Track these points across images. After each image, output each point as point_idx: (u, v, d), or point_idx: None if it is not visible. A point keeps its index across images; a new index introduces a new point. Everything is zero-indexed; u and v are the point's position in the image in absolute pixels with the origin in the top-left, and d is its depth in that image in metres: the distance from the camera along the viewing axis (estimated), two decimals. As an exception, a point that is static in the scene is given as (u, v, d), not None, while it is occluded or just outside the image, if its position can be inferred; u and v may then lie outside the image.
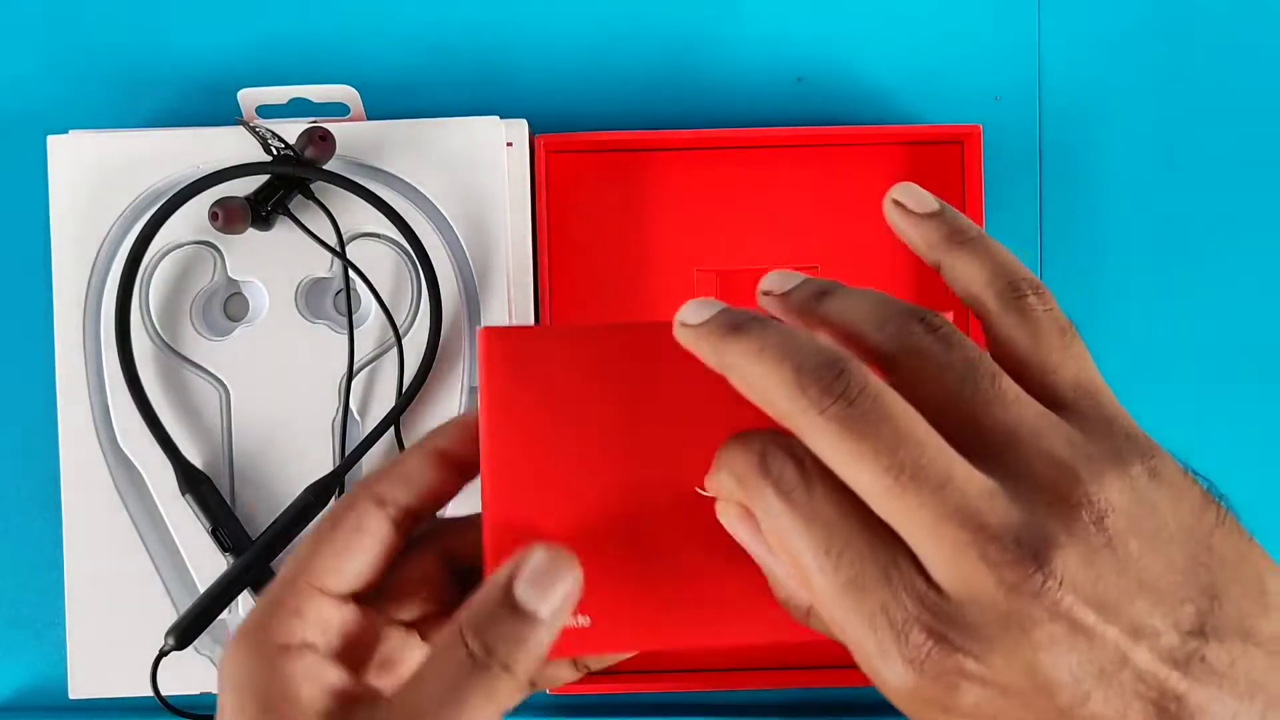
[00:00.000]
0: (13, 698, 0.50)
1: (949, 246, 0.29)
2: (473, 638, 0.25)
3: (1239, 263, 0.50)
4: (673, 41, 0.51)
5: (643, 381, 0.28)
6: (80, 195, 0.46)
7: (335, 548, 0.27)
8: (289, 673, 0.26)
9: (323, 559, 0.27)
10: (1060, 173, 0.51)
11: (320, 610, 0.27)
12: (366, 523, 0.28)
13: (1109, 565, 0.21)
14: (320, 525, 0.28)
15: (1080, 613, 0.21)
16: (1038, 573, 0.21)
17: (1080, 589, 0.21)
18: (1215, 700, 0.21)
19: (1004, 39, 0.51)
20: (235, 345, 0.47)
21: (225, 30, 0.51)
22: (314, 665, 0.26)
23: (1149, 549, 0.22)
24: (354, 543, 0.27)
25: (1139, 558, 0.22)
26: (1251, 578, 0.22)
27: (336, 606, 0.27)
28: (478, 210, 0.47)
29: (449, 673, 0.25)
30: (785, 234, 0.48)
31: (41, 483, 0.48)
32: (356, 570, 0.27)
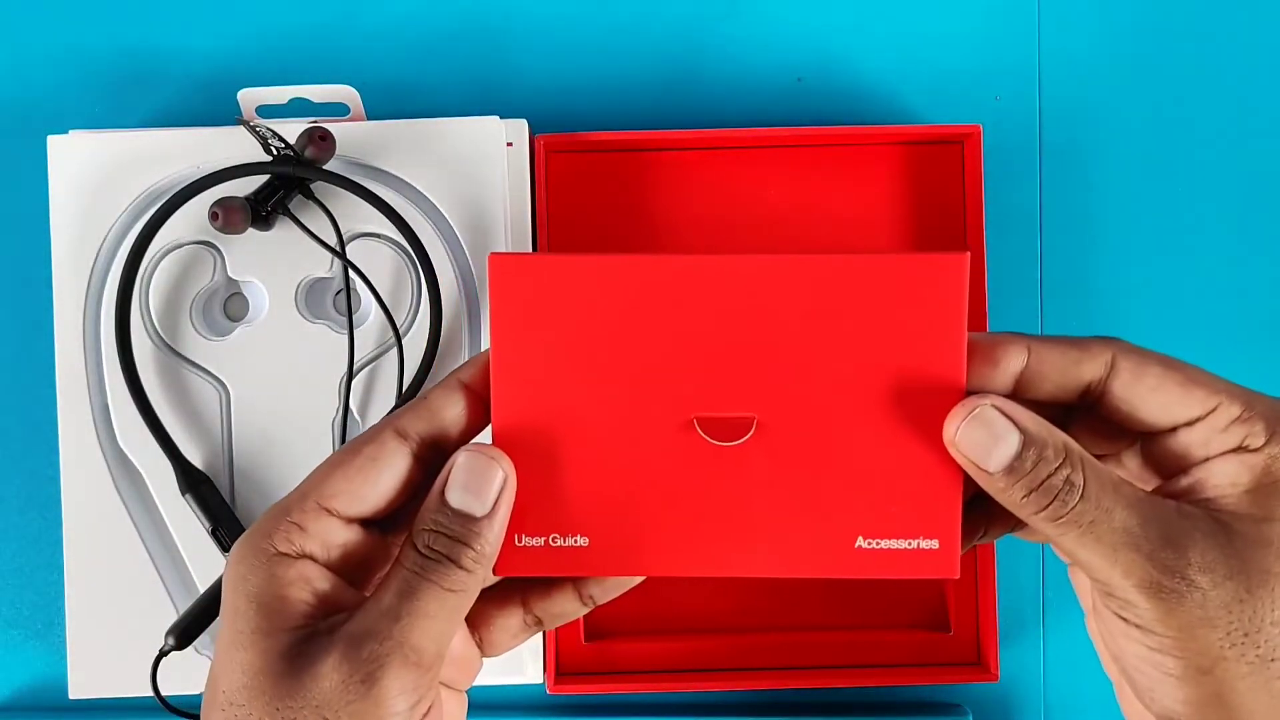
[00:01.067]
0: (13, 698, 0.50)
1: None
2: (420, 542, 0.29)
3: (1239, 262, 0.50)
4: (673, 42, 0.51)
5: (649, 311, 0.29)
6: (80, 195, 0.46)
7: (349, 473, 0.29)
8: (282, 576, 0.28)
9: (334, 482, 0.29)
10: (1060, 173, 0.51)
11: (325, 528, 0.29)
12: (384, 453, 0.29)
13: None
14: (341, 450, 0.30)
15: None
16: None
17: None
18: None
19: (1004, 39, 0.51)
20: (235, 345, 0.47)
21: (225, 30, 0.51)
22: (308, 572, 0.29)
23: None
24: (369, 471, 0.29)
25: None
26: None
27: (343, 527, 0.29)
28: (478, 210, 0.47)
29: (404, 575, 0.28)
30: (785, 234, 0.48)
31: (41, 483, 0.48)
32: (367, 497, 0.29)
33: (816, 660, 0.48)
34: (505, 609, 0.33)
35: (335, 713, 0.27)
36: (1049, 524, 0.28)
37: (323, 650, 0.27)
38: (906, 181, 0.48)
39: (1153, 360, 0.30)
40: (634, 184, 0.48)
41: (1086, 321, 0.50)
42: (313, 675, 0.27)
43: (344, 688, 0.27)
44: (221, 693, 0.28)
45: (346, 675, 0.27)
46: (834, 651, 0.48)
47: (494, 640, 0.33)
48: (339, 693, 0.27)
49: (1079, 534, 0.28)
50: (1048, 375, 0.30)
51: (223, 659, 0.28)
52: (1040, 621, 0.50)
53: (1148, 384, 0.29)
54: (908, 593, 0.48)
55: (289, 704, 0.27)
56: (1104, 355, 0.30)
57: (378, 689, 0.27)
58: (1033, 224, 0.51)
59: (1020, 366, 0.30)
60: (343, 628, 0.28)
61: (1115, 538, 0.28)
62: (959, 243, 0.48)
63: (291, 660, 0.27)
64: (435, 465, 0.30)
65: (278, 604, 0.28)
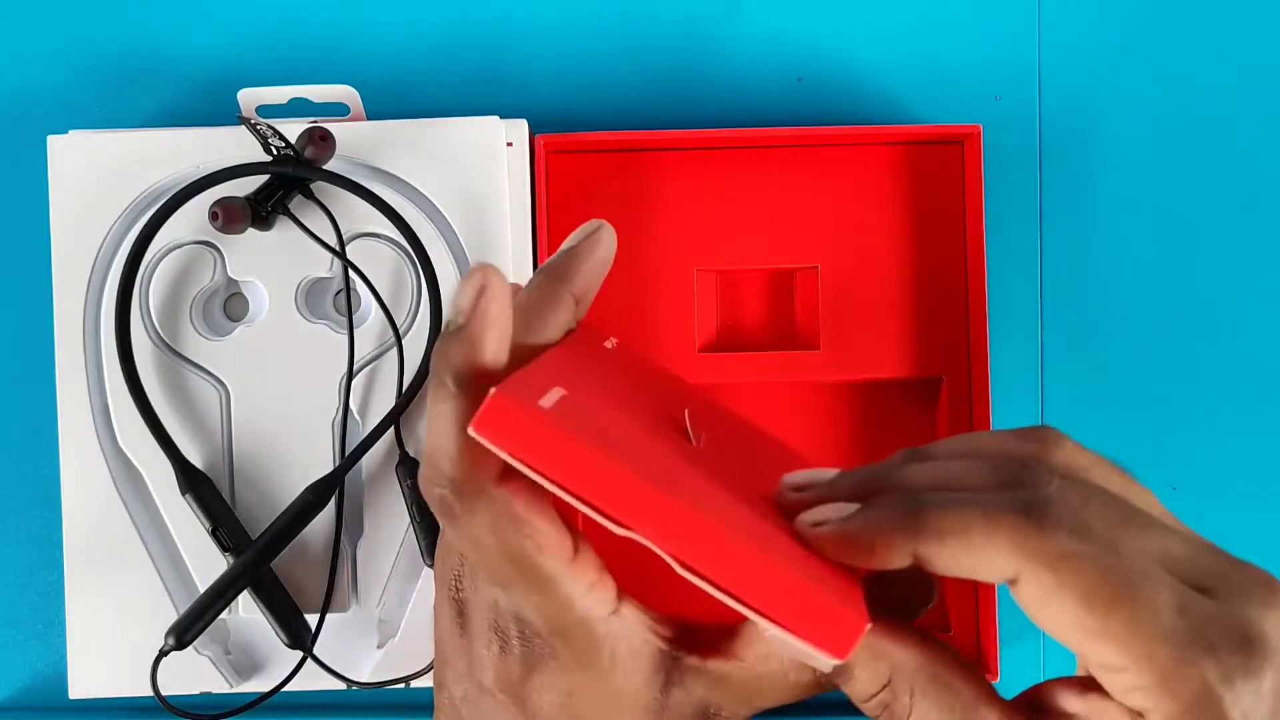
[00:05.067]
0: (13, 697, 0.50)
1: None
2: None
3: (1240, 262, 0.50)
4: (673, 42, 0.51)
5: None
6: (80, 195, 0.46)
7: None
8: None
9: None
10: (1060, 172, 0.51)
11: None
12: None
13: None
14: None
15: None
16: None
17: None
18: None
19: (1004, 39, 0.51)
20: (235, 345, 0.47)
21: (225, 30, 0.51)
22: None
23: None
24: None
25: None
26: None
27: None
28: (478, 210, 0.47)
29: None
30: (785, 234, 0.48)
31: (41, 482, 0.48)
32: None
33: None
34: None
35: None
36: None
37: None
38: (906, 181, 0.48)
39: (1068, 589, 0.23)
40: (634, 184, 0.48)
41: (1087, 321, 0.50)
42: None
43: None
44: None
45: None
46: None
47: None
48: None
49: None
50: (942, 573, 0.25)
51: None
52: (1040, 621, 0.50)
53: (1053, 615, 0.24)
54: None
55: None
56: (1005, 570, 0.24)
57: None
58: (1033, 224, 0.51)
59: (905, 565, 0.25)
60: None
61: None
62: (959, 242, 0.48)
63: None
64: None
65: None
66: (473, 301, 0.26)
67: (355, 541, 0.47)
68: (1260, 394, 0.50)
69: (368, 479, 0.47)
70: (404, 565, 0.46)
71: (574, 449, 0.24)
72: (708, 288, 0.49)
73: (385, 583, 0.46)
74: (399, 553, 0.46)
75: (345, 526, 0.46)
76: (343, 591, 0.46)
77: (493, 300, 0.26)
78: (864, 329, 0.48)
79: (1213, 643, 0.23)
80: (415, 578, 0.46)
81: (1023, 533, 0.24)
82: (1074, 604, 0.23)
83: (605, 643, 0.27)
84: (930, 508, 0.25)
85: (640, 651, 0.27)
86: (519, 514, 0.26)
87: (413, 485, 0.45)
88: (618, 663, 0.27)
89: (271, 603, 0.45)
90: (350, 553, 0.47)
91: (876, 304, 0.48)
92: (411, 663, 0.45)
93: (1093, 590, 0.23)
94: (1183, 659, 0.23)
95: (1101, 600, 0.23)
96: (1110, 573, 0.23)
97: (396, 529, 0.46)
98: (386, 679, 0.45)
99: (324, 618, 0.45)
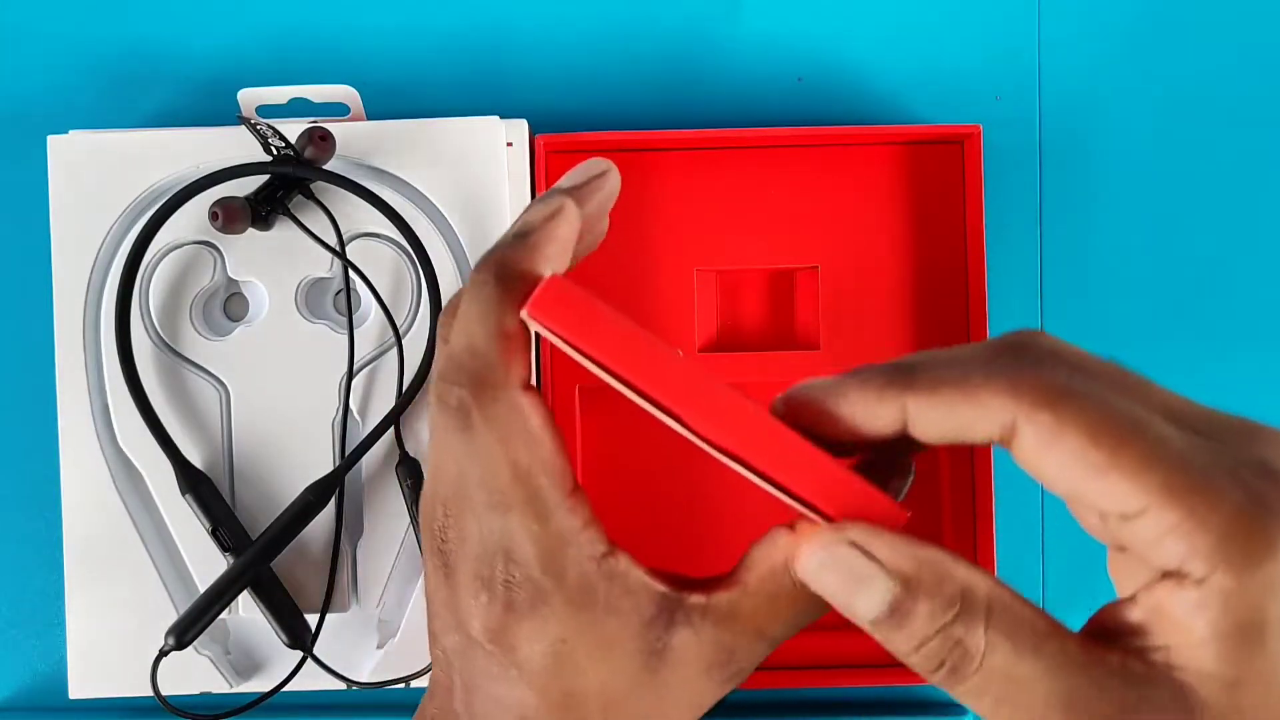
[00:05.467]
0: (12, 697, 0.50)
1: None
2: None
3: (1240, 262, 0.50)
4: (673, 41, 0.51)
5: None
6: (80, 195, 0.46)
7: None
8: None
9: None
10: (1060, 172, 0.51)
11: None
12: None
13: None
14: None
15: None
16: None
17: None
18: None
19: (1004, 39, 0.51)
20: (235, 345, 0.47)
21: (225, 30, 0.51)
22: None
23: None
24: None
25: None
26: None
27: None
28: (478, 210, 0.47)
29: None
30: (785, 234, 0.48)
31: (41, 483, 0.48)
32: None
33: (816, 660, 0.48)
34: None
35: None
36: (950, 689, 0.23)
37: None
38: (906, 181, 0.48)
39: (1069, 426, 0.22)
40: (634, 184, 0.48)
41: (1087, 321, 0.50)
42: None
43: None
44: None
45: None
46: (834, 651, 0.48)
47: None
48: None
49: (991, 704, 0.22)
50: (933, 435, 0.24)
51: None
52: (1040, 621, 0.50)
53: (1056, 459, 0.22)
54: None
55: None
56: (1002, 416, 0.22)
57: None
58: (1033, 224, 0.51)
59: (894, 430, 0.24)
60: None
61: (1037, 715, 0.22)
62: (959, 242, 0.48)
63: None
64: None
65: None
66: (545, 218, 0.26)
67: (355, 541, 0.47)
68: (1261, 394, 0.50)
69: (368, 479, 0.47)
70: (404, 565, 0.46)
71: (627, 332, 0.24)
72: (708, 288, 0.48)
73: (385, 583, 0.46)
74: (399, 553, 0.46)
75: (345, 526, 0.46)
76: (343, 591, 0.46)
77: (564, 223, 0.26)
78: (864, 329, 0.48)
79: (1234, 469, 0.21)
80: (415, 578, 0.46)
81: (1019, 373, 0.22)
82: (1080, 441, 0.21)
83: (599, 582, 0.26)
84: (923, 362, 0.24)
85: (638, 593, 0.26)
86: (534, 428, 0.25)
87: (413, 485, 0.45)
88: (614, 605, 0.26)
89: (271, 603, 0.45)
90: (350, 553, 0.47)
91: (876, 304, 0.48)
92: (412, 663, 0.45)
93: (1098, 426, 0.21)
94: (1207, 485, 0.21)
95: (1109, 435, 0.21)
96: (1114, 411, 0.22)
97: (396, 529, 0.46)
98: (386, 679, 0.45)
99: (324, 618, 0.45)
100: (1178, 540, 0.21)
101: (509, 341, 0.25)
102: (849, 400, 0.24)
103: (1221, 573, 0.21)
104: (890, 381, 0.24)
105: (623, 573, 0.26)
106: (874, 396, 0.24)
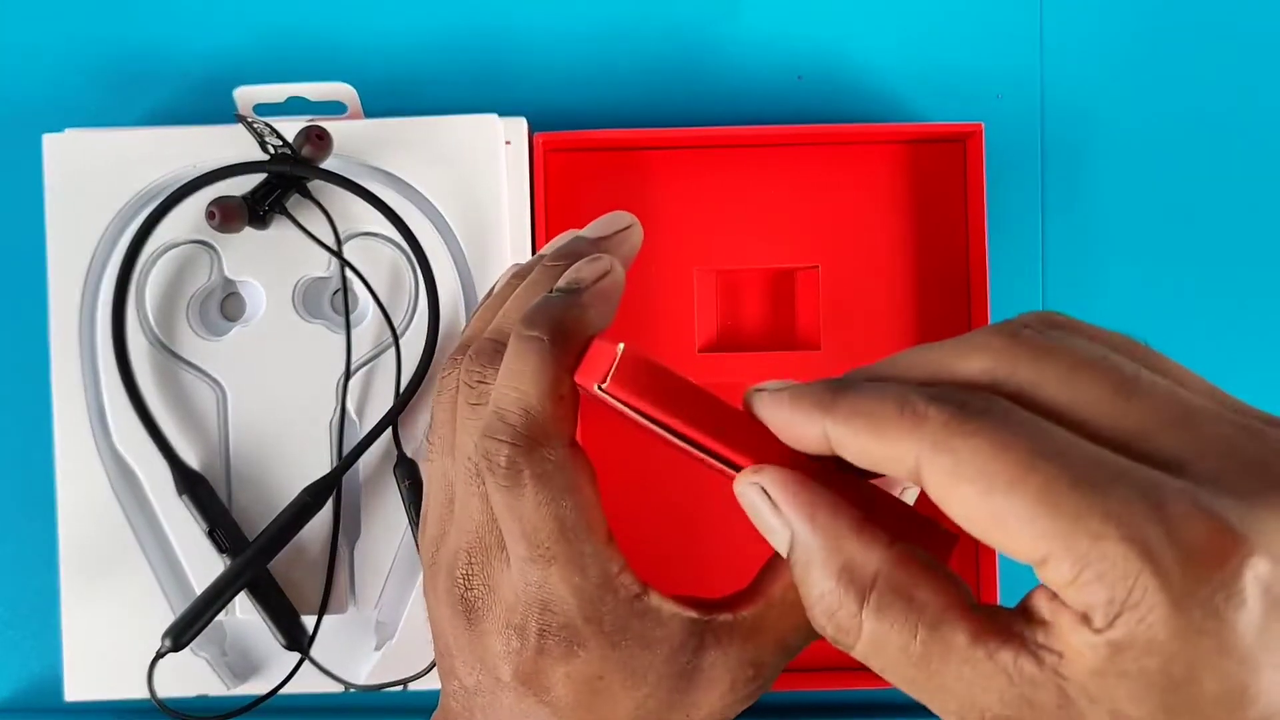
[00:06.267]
0: (8, 700, 0.50)
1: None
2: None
3: (1242, 262, 0.50)
4: (673, 39, 0.50)
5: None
6: (76, 194, 0.46)
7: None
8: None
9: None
10: (1062, 171, 0.50)
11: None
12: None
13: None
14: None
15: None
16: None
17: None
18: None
19: (1006, 37, 0.51)
20: (232, 345, 0.47)
21: (222, 28, 0.50)
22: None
23: None
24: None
25: None
26: None
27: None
28: (476, 209, 0.46)
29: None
30: (785, 234, 0.48)
31: (37, 484, 0.48)
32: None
33: (816, 661, 0.48)
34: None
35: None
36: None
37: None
38: (908, 180, 0.48)
39: (965, 470, 0.20)
40: (634, 183, 0.48)
41: (1089, 319, 0.50)
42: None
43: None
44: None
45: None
46: (834, 652, 0.48)
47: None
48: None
49: (879, 670, 0.23)
50: (864, 465, 0.23)
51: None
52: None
53: (956, 508, 0.21)
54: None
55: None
56: (906, 460, 0.21)
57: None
58: (1034, 223, 0.50)
59: (829, 452, 0.23)
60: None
61: (915, 692, 0.23)
62: (961, 241, 0.48)
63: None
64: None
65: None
66: (596, 276, 0.28)
67: (353, 543, 0.46)
68: (1264, 393, 0.50)
69: (365, 480, 0.46)
70: (402, 567, 0.46)
71: (707, 404, 0.26)
72: (708, 288, 0.48)
73: (383, 584, 0.46)
74: (397, 554, 0.46)
75: (343, 528, 0.46)
76: (340, 593, 0.46)
77: (612, 282, 0.28)
78: (865, 329, 0.48)
79: (1154, 503, 0.19)
80: (413, 579, 0.46)
81: (923, 414, 0.21)
82: (974, 489, 0.20)
83: (632, 621, 0.27)
84: (852, 387, 0.23)
85: (670, 625, 0.27)
86: (582, 485, 0.27)
87: (411, 486, 0.45)
88: (647, 639, 0.27)
89: (269, 604, 0.45)
90: (348, 554, 0.46)
91: (877, 303, 0.48)
92: (409, 665, 0.45)
93: (993, 467, 0.20)
94: (1103, 528, 0.19)
95: (1003, 477, 0.20)
96: (1012, 445, 0.20)
97: (394, 530, 0.46)
98: (384, 681, 0.45)
99: (321, 619, 0.45)
100: (1077, 591, 0.20)
101: (562, 401, 0.27)
102: (780, 415, 0.24)
103: (1115, 626, 0.20)
104: (816, 403, 0.23)
105: (655, 608, 0.27)
106: (801, 416, 0.24)
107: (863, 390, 0.23)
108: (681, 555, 0.48)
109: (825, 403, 0.23)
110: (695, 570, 0.48)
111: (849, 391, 0.23)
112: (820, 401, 0.23)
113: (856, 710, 0.49)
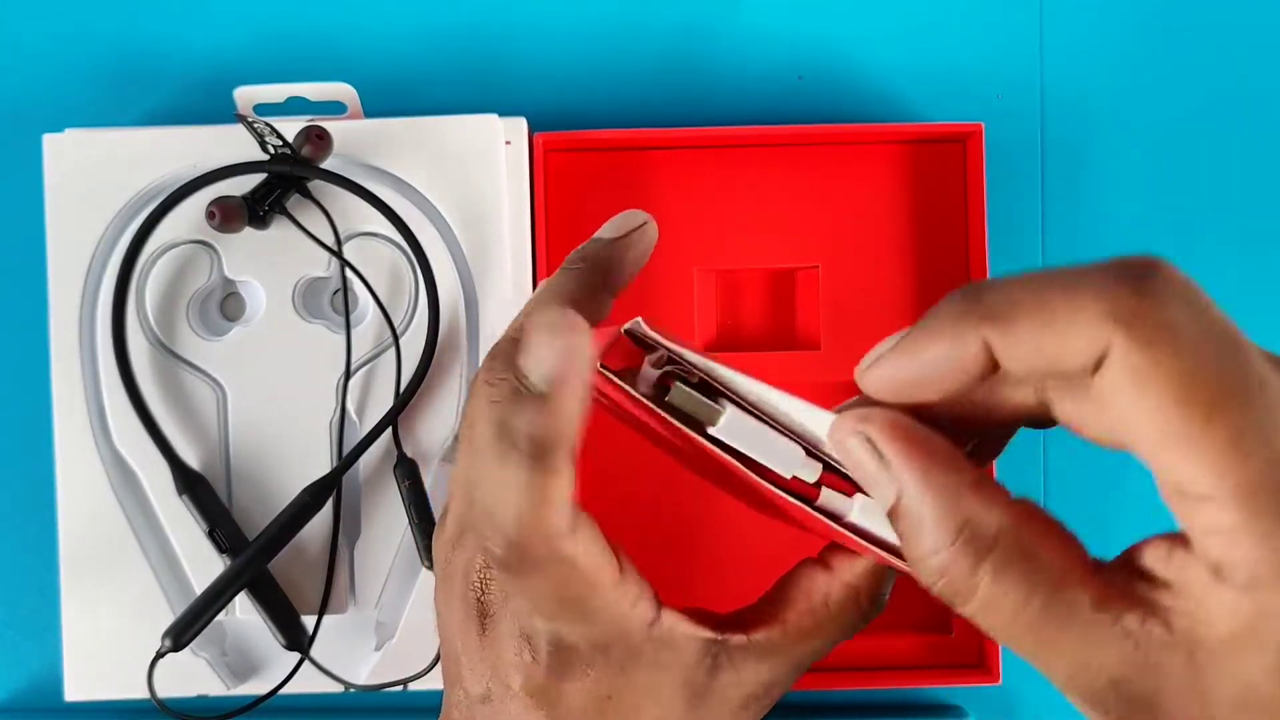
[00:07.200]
0: (8, 700, 0.50)
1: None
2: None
3: (1242, 262, 0.50)
4: (672, 39, 0.50)
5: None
6: (76, 194, 0.46)
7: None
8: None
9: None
10: (1063, 171, 0.50)
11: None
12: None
13: None
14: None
15: None
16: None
17: None
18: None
19: (1006, 37, 0.50)
20: (232, 345, 0.47)
21: (222, 28, 0.50)
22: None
23: None
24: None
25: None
26: None
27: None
28: (476, 209, 0.46)
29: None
30: (785, 234, 0.48)
31: (37, 484, 0.48)
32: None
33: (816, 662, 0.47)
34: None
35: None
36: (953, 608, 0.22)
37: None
38: (908, 180, 0.48)
39: (1161, 370, 0.18)
40: (634, 183, 0.48)
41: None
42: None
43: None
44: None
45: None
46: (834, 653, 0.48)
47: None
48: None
49: (990, 631, 0.22)
50: (1024, 369, 0.21)
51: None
52: (1042, 623, 0.50)
53: (1132, 410, 0.19)
54: (909, 594, 0.48)
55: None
56: (1093, 344, 0.19)
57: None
58: (1035, 223, 0.50)
59: (985, 371, 0.21)
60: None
61: (1029, 656, 0.22)
62: (961, 241, 0.48)
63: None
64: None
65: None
66: (558, 370, 0.24)
67: (353, 543, 0.46)
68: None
69: (365, 480, 0.46)
70: (402, 567, 0.46)
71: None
72: (708, 288, 0.48)
73: (383, 584, 0.46)
74: (397, 554, 0.46)
75: (343, 528, 0.46)
76: (340, 593, 0.46)
77: (578, 374, 0.24)
78: (865, 329, 0.48)
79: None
80: (413, 579, 0.46)
81: (1115, 292, 0.19)
82: (1166, 395, 0.18)
83: (646, 645, 0.27)
84: (995, 284, 0.21)
85: (683, 647, 0.27)
86: (582, 565, 0.26)
87: (411, 486, 0.45)
88: (660, 661, 0.27)
89: (269, 604, 0.45)
90: (348, 554, 0.46)
91: (877, 304, 0.48)
92: (409, 665, 0.45)
93: (1194, 379, 0.18)
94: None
95: (1204, 396, 0.18)
96: (1219, 369, 0.18)
97: (394, 530, 0.46)
98: (384, 681, 0.45)
99: (321, 619, 0.45)
100: (1231, 545, 0.18)
101: (547, 508, 0.25)
102: (924, 355, 0.22)
103: (1261, 589, 0.18)
104: (964, 314, 0.21)
105: (668, 630, 0.27)
106: (950, 335, 0.21)
107: (1011, 279, 0.20)
108: (688, 559, 0.48)
109: (975, 311, 0.21)
110: (702, 574, 0.48)
111: (995, 285, 0.21)
112: (968, 311, 0.21)
113: (856, 710, 0.49)
